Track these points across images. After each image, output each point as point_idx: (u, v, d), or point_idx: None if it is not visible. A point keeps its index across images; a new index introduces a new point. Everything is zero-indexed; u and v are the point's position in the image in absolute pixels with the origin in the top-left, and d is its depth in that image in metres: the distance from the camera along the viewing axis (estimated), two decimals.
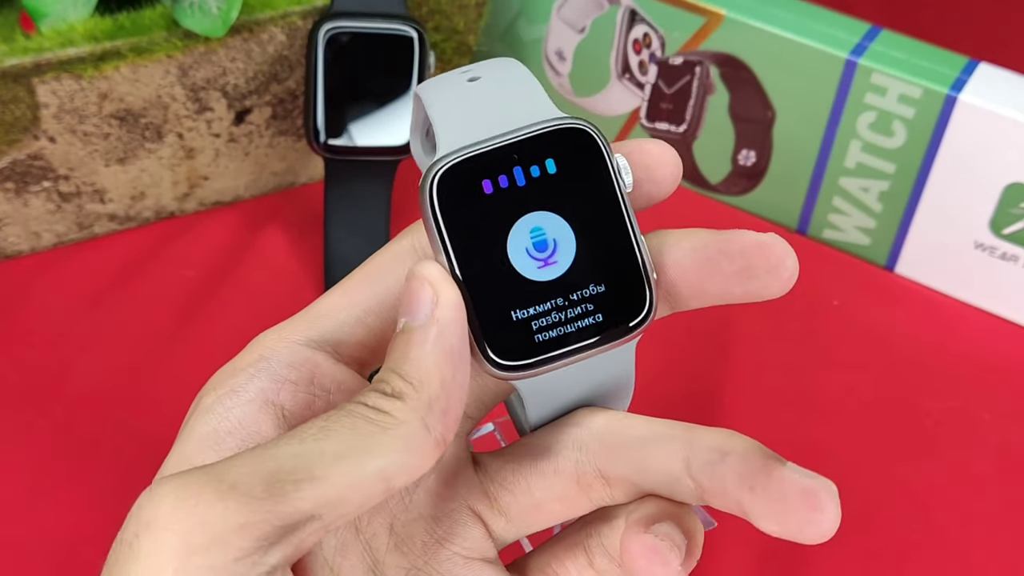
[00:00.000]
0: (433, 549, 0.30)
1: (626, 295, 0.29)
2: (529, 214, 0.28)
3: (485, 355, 0.28)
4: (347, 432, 0.27)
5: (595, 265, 0.28)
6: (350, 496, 0.26)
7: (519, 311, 0.28)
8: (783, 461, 0.28)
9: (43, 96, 0.50)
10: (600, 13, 0.58)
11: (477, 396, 0.31)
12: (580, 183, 0.29)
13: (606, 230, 0.29)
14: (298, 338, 0.30)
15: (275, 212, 0.58)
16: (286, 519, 0.25)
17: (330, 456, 0.26)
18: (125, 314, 0.53)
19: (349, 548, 0.30)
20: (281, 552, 0.26)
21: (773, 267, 0.29)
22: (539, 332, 0.28)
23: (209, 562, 0.25)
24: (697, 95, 0.57)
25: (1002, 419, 0.51)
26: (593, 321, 0.28)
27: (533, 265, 0.28)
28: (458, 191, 0.28)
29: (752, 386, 0.51)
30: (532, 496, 0.30)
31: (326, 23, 0.51)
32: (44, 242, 0.55)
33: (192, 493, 0.25)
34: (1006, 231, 0.53)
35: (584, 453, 0.29)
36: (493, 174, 0.28)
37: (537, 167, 0.28)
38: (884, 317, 0.55)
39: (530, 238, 0.28)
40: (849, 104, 0.53)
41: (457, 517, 0.30)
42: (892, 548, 0.46)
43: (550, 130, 0.28)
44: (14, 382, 0.50)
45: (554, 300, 0.28)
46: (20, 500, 0.46)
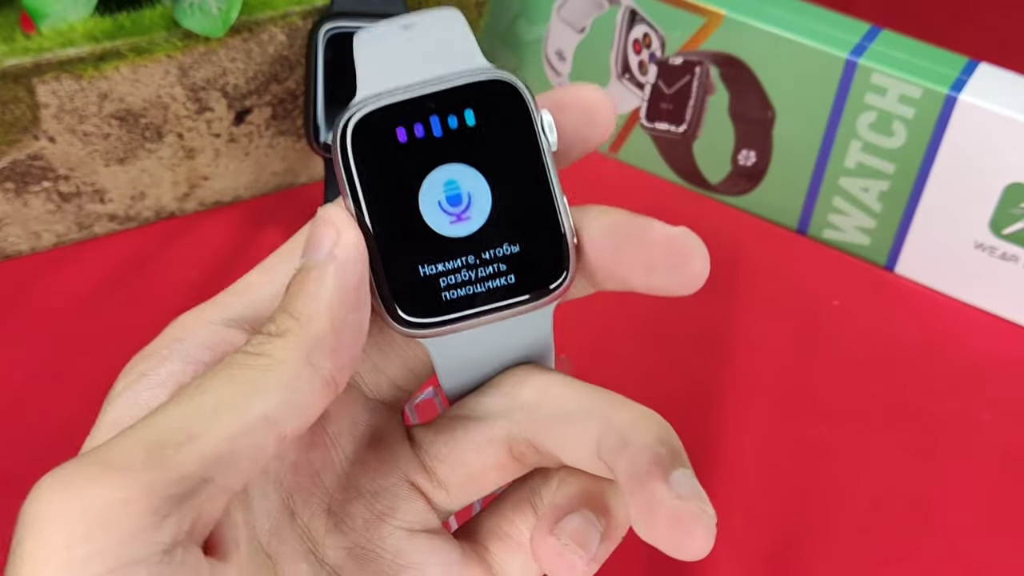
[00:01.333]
0: (375, 525, 0.29)
1: (542, 258, 0.27)
2: (444, 166, 0.27)
3: (389, 311, 0.27)
4: (224, 383, 0.25)
5: (511, 224, 0.27)
6: (238, 449, 0.24)
7: (427, 267, 0.27)
8: (672, 469, 0.25)
9: (43, 96, 0.50)
10: (600, 13, 0.58)
11: (407, 366, 0.30)
12: (501, 137, 0.27)
13: (525, 188, 0.27)
14: (214, 317, 0.29)
15: (275, 212, 0.58)
16: (173, 487, 0.24)
17: (208, 411, 0.25)
18: (125, 314, 0.53)
19: (285, 534, 0.28)
20: (176, 524, 0.24)
21: (676, 265, 0.27)
22: (447, 290, 0.27)
23: (94, 548, 0.23)
24: (697, 95, 0.57)
25: (1002, 419, 0.51)
26: (505, 282, 0.27)
27: (445, 220, 0.27)
28: (371, 139, 0.27)
29: (752, 386, 0.51)
30: (468, 467, 0.29)
31: (326, 23, 0.51)
32: (44, 242, 0.55)
33: (69, 483, 0.24)
34: (1006, 231, 0.53)
35: (513, 424, 0.28)
36: (408, 122, 0.27)
37: (455, 118, 0.27)
38: (884, 317, 0.55)
39: (443, 191, 0.27)
40: (849, 104, 0.53)
41: (397, 491, 0.29)
42: (892, 548, 0.46)
43: (472, 81, 0.27)
44: (14, 382, 0.50)
45: (465, 258, 0.27)
46: (20, 501, 0.46)
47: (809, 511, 0.47)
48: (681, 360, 0.53)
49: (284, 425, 0.25)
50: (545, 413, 0.28)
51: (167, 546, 0.24)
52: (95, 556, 0.23)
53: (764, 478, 0.48)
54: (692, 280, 0.28)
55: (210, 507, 0.25)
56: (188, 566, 0.24)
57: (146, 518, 0.23)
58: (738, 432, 0.49)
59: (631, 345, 0.52)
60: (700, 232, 0.29)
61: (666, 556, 0.29)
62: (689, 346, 0.53)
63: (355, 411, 0.30)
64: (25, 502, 0.24)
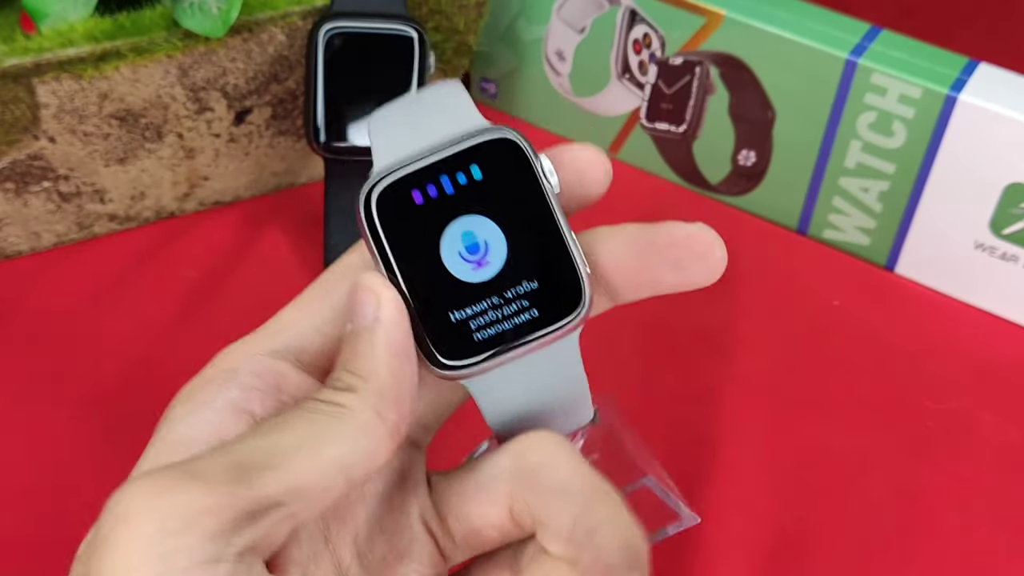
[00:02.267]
0: (392, 564, 0.31)
1: (560, 290, 0.30)
2: (459, 219, 0.30)
3: (430, 357, 0.30)
4: (304, 424, 0.28)
5: (527, 263, 0.30)
6: (311, 484, 0.27)
7: (457, 312, 0.30)
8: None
9: (43, 96, 0.50)
10: (600, 13, 0.58)
11: (432, 407, 0.32)
12: (506, 186, 0.30)
13: (535, 229, 0.30)
14: (262, 350, 0.31)
15: (275, 212, 0.58)
16: (252, 504, 0.26)
17: (289, 446, 0.27)
18: (125, 314, 0.53)
19: (321, 559, 0.30)
20: (250, 535, 0.26)
21: (701, 256, 0.30)
22: (478, 331, 0.30)
23: (183, 543, 0.25)
24: (697, 95, 0.57)
25: (1002, 419, 0.51)
26: (529, 317, 0.30)
27: (467, 267, 0.30)
28: (390, 205, 0.30)
29: (752, 386, 0.51)
30: (472, 523, 0.31)
31: (326, 23, 0.51)
32: (44, 242, 0.55)
33: (161, 485, 0.26)
34: (1006, 231, 0.53)
35: (515, 488, 0.30)
36: (421, 185, 0.30)
37: (463, 174, 0.30)
38: (884, 317, 0.55)
39: (462, 242, 0.30)
40: (849, 104, 0.53)
41: (414, 534, 0.31)
42: (892, 548, 0.46)
43: (474, 140, 0.30)
44: (14, 382, 0.50)
45: (489, 299, 0.30)
46: (22, 500, 0.46)
47: (809, 511, 0.47)
48: (681, 360, 0.53)
49: (354, 470, 0.28)
50: (541, 483, 0.29)
51: (241, 550, 0.26)
52: (182, 550, 0.25)
53: (764, 478, 0.48)
54: (717, 268, 0.31)
55: (278, 530, 0.27)
56: (256, 570, 0.27)
57: (226, 524, 0.26)
58: (738, 432, 0.49)
59: (631, 345, 0.52)
60: None
61: (667, 557, 0.29)
62: (689, 346, 0.53)
63: None
64: (116, 496, 0.27)
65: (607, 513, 0.28)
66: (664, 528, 0.41)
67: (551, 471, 0.29)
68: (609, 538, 0.28)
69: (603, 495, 0.29)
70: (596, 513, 0.28)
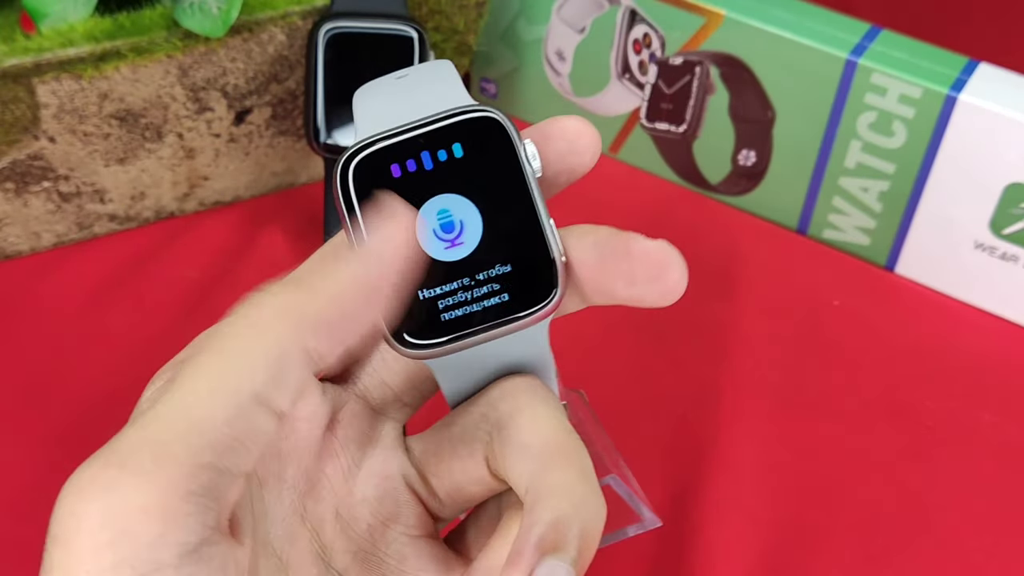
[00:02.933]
0: (379, 531, 0.30)
1: (533, 276, 0.29)
2: (437, 196, 0.29)
3: (394, 334, 0.29)
4: (215, 359, 0.26)
5: (501, 246, 0.29)
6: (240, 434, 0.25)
7: (426, 290, 0.29)
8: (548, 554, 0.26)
9: (43, 96, 0.50)
10: (600, 13, 0.58)
11: (411, 383, 0.31)
12: (487, 167, 0.29)
13: (513, 212, 0.29)
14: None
15: (275, 212, 0.58)
16: (188, 483, 0.25)
17: (204, 395, 0.26)
18: (125, 314, 0.53)
19: (297, 538, 0.30)
20: (198, 521, 0.25)
21: (654, 277, 0.29)
22: (445, 311, 0.29)
23: (121, 556, 0.24)
24: (697, 95, 0.57)
25: (1002, 419, 0.51)
26: (499, 300, 0.29)
27: (440, 246, 0.29)
28: (367, 176, 0.29)
29: (752, 386, 0.51)
30: (453, 480, 0.30)
31: (326, 23, 0.51)
32: (44, 242, 0.55)
33: (88, 491, 0.25)
34: (1006, 231, 0.53)
35: (489, 438, 0.29)
36: (401, 159, 0.29)
37: (444, 151, 0.29)
38: (884, 317, 0.55)
39: (437, 219, 0.29)
40: (849, 104, 0.53)
41: (398, 497, 0.31)
42: (892, 548, 0.46)
43: (457, 117, 0.29)
44: (14, 382, 0.50)
45: (461, 280, 0.29)
46: (21, 501, 0.46)
47: (809, 511, 0.47)
48: (681, 360, 0.53)
49: (276, 402, 0.26)
50: (506, 435, 0.28)
51: (193, 545, 0.25)
52: (123, 563, 0.24)
53: (764, 478, 0.48)
54: (670, 291, 0.29)
55: (230, 494, 0.26)
56: (216, 560, 0.25)
57: (168, 521, 0.24)
58: (738, 432, 0.49)
59: (631, 345, 0.52)
60: (700, 232, 0.30)
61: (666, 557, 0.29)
62: (689, 346, 0.53)
63: (362, 421, 0.31)
64: (53, 511, 0.25)
65: (562, 479, 0.27)
66: (624, 529, 0.41)
67: (517, 423, 0.28)
68: (547, 511, 0.26)
69: (563, 456, 0.28)
70: (551, 476, 0.27)
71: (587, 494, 0.27)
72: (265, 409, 0.26)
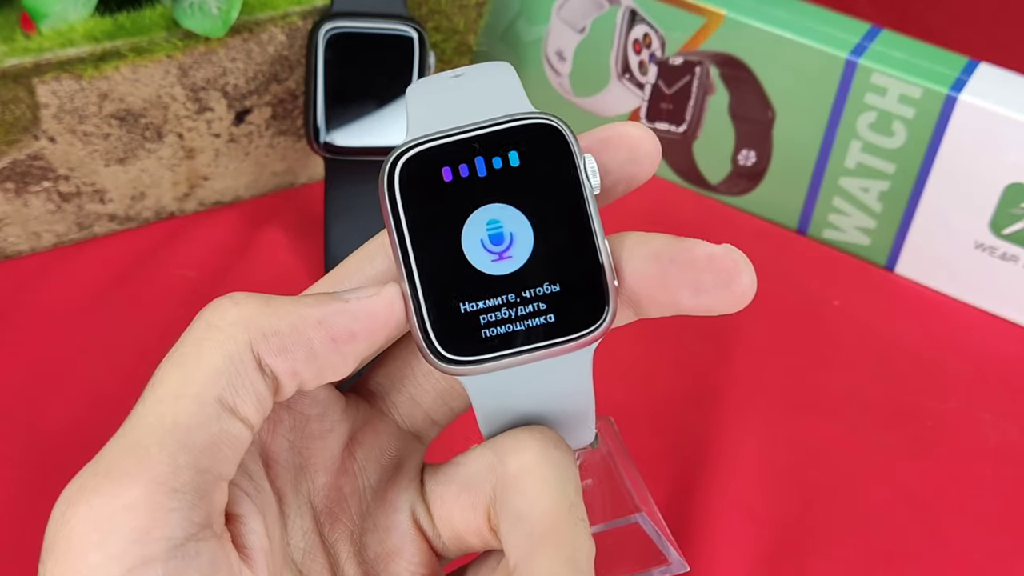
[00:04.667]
0: (384, 562, 0.30)
1: (582, 299, 0.28)
2: (487, 205, 0.28)
3: (429, 346, 0.27)
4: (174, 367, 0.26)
5: (552, 264, 0.28)
6: (213, 439, 0.26)
7: (468, 303, 0.27)
8: None
9: (43, 96, 0.50)
10: (600, 13, 0.58)
11: (442, 399, 0.31)
12: (544, 179, 0.28)
13: (567, 229, 0.28)
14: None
15: (275, 212, 0.58)
16: (170, 481, 0.25)
17: (170, 398, 0.26)
18: (125, 314, 0.53)
19: (317, 553, 0.29)
20: (184, 517, 0.25)
21: (723, 283, 0.27)
22: (487, 327, 0.27)
23: (109, 553, 0.24)
24: (697, 95, 0.57)
25: (1002, 419, 0.51)
26: (544, 321, 0.28)
27: (487, 258, 0.28)
28: (417, 178, 0.27)
29: (752, 386, 0.51)
30: (454, 526, 0.29)
31: (326, 23, 0.51)
32: (44, 242, 0.55)
33: (75, 500, 0.25)
34: (1006, 231, 0.53)
35: (492, 495, 0.28)
36: (453, 162, 0.28)
37: (499, 159, 0.28)
38: (884, 317, 0.55)
39: (486, 230, 0.28)
40: (849, 104, 0.53)
41: (404, 533, 0.30)
42: (892, 548, 0.46)
43: (517, 123, 0.28)
44: (14, 382, 0.50)
45: (505, 296, 0.28)
46: (20, 501, 0.46)
47: (809, 511, 0.47)
48: (681, 360, 0.53)
49: (240, 410, 0.26)
50: (506, 499, 0.27)
51: (180, 540, 0.25)
52: (110, 560, 0.24)
53: (764, 478, 0.48)
54: (740, 297, 0.28)
55: (215, 495, 0.26)
56: (205, 557, 0.25)
57: (153, 516, 0.24)
58: (738, 432, 0.49)
59: (631, 345, 0.52)
60: (700, 232, 0.29)
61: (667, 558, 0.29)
62: (689, 346, 0.53)
63: (385, 440, 0.30)
64: (47, 524, 0.26)
65: (548, 568, 0.25)
66: (649, 572, 0.40)
67: (519, 486, 0.27)
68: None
69: (555, 539, 0.26)
70: (538, 563, 0.25)
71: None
72: (231, 414, 0.26)
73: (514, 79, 0.29)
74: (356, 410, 0.30)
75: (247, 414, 0.26)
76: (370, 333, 0.27)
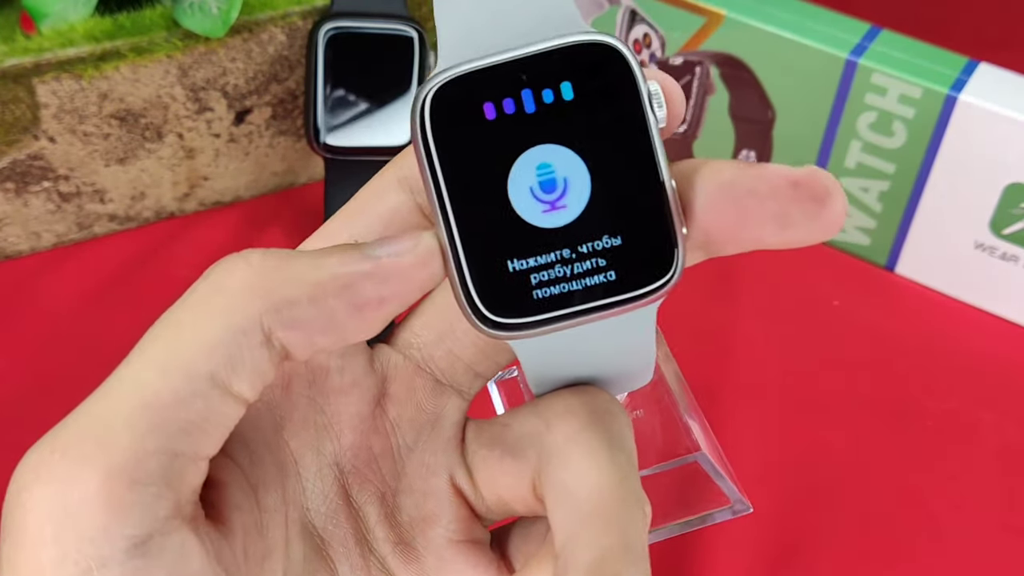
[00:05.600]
0: (420, 527, 0.27)
1: (646, 252, 0.24)
2: (537, 147, 0.24)
3: (474, 308, 0.24)
4: (171, 330, 0.24)
5: (612, 214, 0.24)
6: (195, 416, 0.23)
7: (517, 261, 0.24)
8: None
9: (43, 96, 0.50)
10: (600, 13, 0.58)
11: (483, 352, 0.27)
12: (602, 113, 0.24)
13: (629, 172, 0.24)
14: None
15: (275, 212, 0.58)
16: (132, 472, 0.23)
17: (157, 368, 0.24)
18: (125, 314, 0.53)
19: (342, 517, 0.27)
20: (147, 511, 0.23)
21: (813, 213, 0.23)
22: (539, 287, 0.24)
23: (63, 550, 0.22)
24: (697, 95, 0.57)
25: (1002, 419, 0.51)
26: (604, 279, 0.24)
27: (538, 208, 0.24)
28: (455, 114, 0.24)
29: (752, 386, 0.51)
30: (498, 492, 0.27)
31: (326, 23, 0.51)
32: (44, 242, 0.55)
33: (34, 479, 0.23)
34: (1006, 231, 0.53)
35: (538, 464, 0.25)
36: (497, 96, 0.24)
37: (551, 91, 0.24)
38: (884, 317, 0.55)
39: (536, 176, 0.24)
40: (849, 104, 0.53)
41: (442, 496, 0.27)
42: (892, 548, 0.46)
43: (569, 45, 0.24)
44: (14, 382, 0.50)
45: (559, 251, 0.24)
46: None
47: (809, 511, 0.47)
48: (681, 360, 0.53)
49: (235, 387, 0.24)
50: (552, 471, 0.25)
51: (139, 538, 0.23)
52: (65, 559, 0.22)
53: (764, 478, 0.48)
54: (833, 225, 0.24)
55: (188, 478, 0.23)
56: (170, 553, 0.23)
57: (112, 512, 0.22)
58: (738, 432, 0.49)
59: None
60: None
61: (665, 557, 0.29)
62: (689, 346, 0.53)
63: (423, 397, 0.27)
64: (5, 500, 0.24)
65: (599, 551, 0.23)
66: (711, 513, 0.35)
67: (568, 456, 0.24)
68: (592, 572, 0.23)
69: (607, 520, 0.23)
70: (588, 544, 0.23)
71: (624, 573, 0.23)
72: (223, 391, 0.23)
73: None
74: (388, 364, 0.27)
75: (242, 390, 0.24)
76: (401, 297, 0.24)
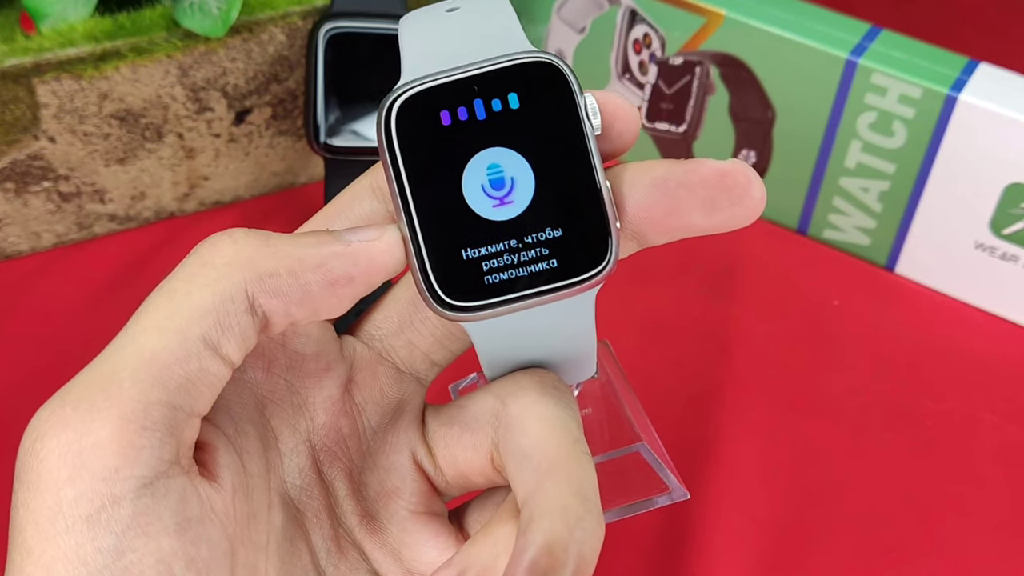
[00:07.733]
0: (384, 500, 0.30)
1: (584, 243, 0.28)
2: (488, 149, 0.27)
3: (432, 292, 0.27)
4: (164, 300, 0.27)
5: (554, 208, 0.27)
6: (191, 375, 0.26)
7: (470, 250, 0.27)
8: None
9: (43, 96, 0.50)
10: (600, 13, 0.58)
11: (440, 342, 0.30)
12: (544, 121, 0.27)
13: (568, 172, 0.27)
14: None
15: (275, 212, 0.58)
16: (140, 419, 0.25)
17: (152, 330, 0.27)
18: (125, 314, 0.53)
19: (315, 491, 0.30)
20: (154, 455, 0.25)
21: (737, 197, 0.27)
22: (489, 273, 0.27)
23: (79, 490, 0.25)
24: (697, 95, 0.57)
25: (1002, 419, 0.51)
26: (547, 267, 0.28)
27: (488, 203, 0.27)
28: (415, 121, 0.27)
29: (752, 386, 0.51)
30: (458, 467, 0.30)
31: (326, 23, 0.51)
32: (44, 242, 0.55)
33: (47, 430, 0.26)
34: (1006, 231, 0.53)
35: (495, 436, 0.28)
36: (452, 105, 0.27)
37: (499, 101, 0.27)
38: (884, 317, 0.55)
39: (487, 175, 0.27)
40: (849, 104, 0.53)
41: (404, 472, 0.30)
42: (892, 548, 0.46)
43: (516, 63, 0.27)
44: (14, 382, 0.50)
45: (507, 241, 0.27)
46: None
47: (809, 511, 0.47)
48: (681, 360, 0.53)
49: (223, 349, 0.26)
50: (510, 440, 0.27)
51: (148, 479, 0.25)
52: (81, 497, 0.25)
53: (764, 478, 0.48)
54: (753, 210, 0.27)
55: (186, 431, 0.26)
56: (174, 494, 0.25)
57: (123, 455, 0.25)
58: (738, 432, 0.49)
59: (631, 345, 0.52)
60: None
61: (666, 557, 0.29)
62: (689, 346, 0.53)
63: (385, 383, 0.31)
64: (18, 452, 0.26)
65: (559, 498, 0.25)
66: (652, 499, 0.38)
67: (522, 426, 0.27)
68: (553, 530, 0.25)
69: (563, 472, 0.26)
70: (548, 494, 0.26)
71: (584, 516, 0.26)
72: (213, 353, 0.26)
73: (510, 14, 0.28)
74: (354, 353, 0.30)
75: (229, 352, 0.27)
76: (368, 277, 0.27)
